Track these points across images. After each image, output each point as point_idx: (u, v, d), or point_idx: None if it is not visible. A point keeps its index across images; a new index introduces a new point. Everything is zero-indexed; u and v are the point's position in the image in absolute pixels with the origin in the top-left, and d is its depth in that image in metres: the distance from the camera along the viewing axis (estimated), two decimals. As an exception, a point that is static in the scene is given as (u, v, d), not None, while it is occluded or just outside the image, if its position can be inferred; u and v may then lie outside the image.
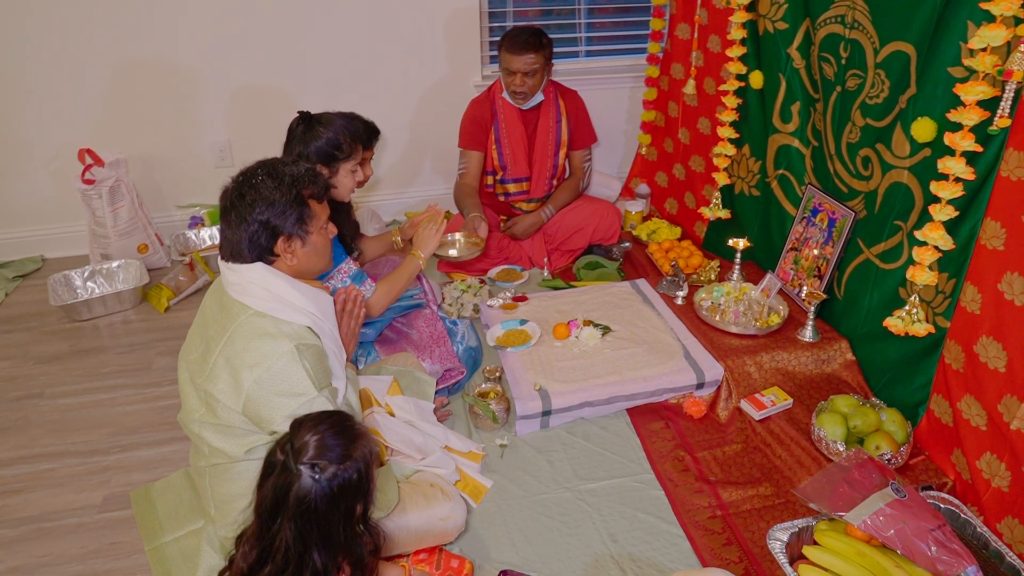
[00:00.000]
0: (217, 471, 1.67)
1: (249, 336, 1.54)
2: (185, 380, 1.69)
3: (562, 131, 3.08)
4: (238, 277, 1.58)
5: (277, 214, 1.56)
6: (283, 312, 1.57)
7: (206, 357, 1.61)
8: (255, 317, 1.56)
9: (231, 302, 1.60)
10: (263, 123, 3.36)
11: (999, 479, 1.80)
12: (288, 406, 1.52)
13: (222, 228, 1.60)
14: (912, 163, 2.08)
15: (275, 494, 1.29)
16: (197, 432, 1.64)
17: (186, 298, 3.00)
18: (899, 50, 2.07)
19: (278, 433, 1.58)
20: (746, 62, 2.76)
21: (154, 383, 2.53)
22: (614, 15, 3.68)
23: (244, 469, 1.65)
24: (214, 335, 1.60)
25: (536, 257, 3.20)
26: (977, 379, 1.87)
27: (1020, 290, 1.74)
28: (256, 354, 1.52)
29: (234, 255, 1.59)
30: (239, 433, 1.61)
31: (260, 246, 1.57)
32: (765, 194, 2.85)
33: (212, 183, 3.40)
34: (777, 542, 1.74)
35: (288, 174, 1.59)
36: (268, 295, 1.57)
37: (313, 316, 1.62)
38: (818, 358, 2.40)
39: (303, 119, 2.22)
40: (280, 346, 1.52)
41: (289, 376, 1.52)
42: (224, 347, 1.56)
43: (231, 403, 1.55)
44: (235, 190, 1.57)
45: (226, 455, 1.63)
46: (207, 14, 3.11)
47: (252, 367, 1.52)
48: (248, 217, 1.54)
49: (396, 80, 3.43)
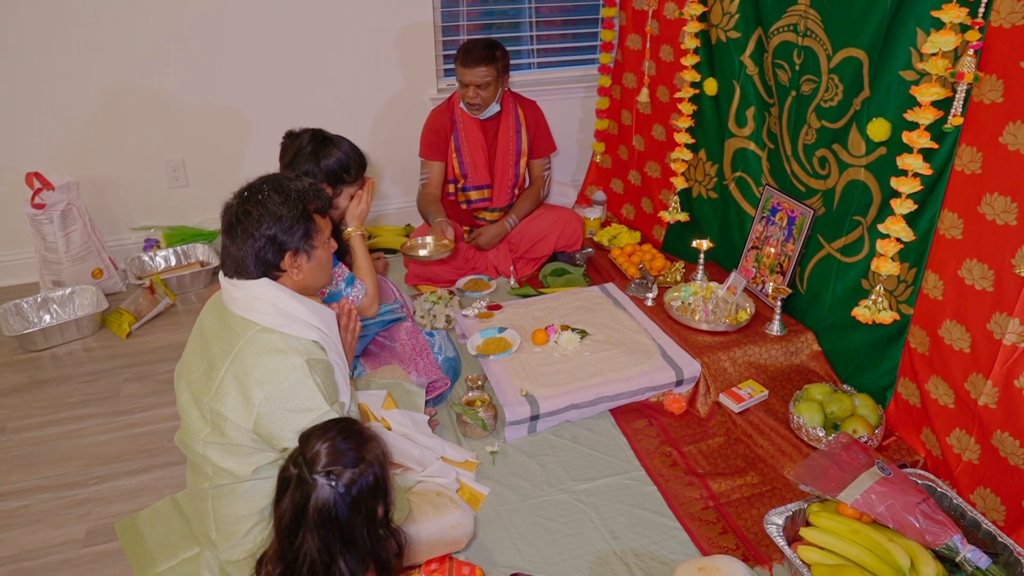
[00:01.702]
0: (221, 492, 1.63)
1: (258, 352, 1.52)
2: (187, 400, 1.65)
3: (522, 140, 3.13)
4: (243, 293, 1.57)
5: (284, 229, 1.55)
6: (291, 327, 1.56)
7: (211, 375, 1.58)
8: (263, 333, 1.54)
9: (235, 319, 1.58)
10: (218, 141, 3.30)
11: (969, 453, 1.93)
12: (300, 422, 1.51)
13: (225, 244, 1.58)
14: (868, 161, 2.22)
15: (294, 508, 1.28)
16: (201, 452, 1.61)
17: (148, 322, 2.91)
18: (852, 56, 2.20)
19: (288, 450, 1.57)
20: (700, 70, 2.88)
21: (124, 411, 2.44)
22: (562, 27, 3.76)
23: (250, 489, 1.63)
24: (219, 353, 1.57)
25: (502, 266, 3.24)
26: (943, 361, 2.00)
27: (979, 275, 1.88)
28: (266, 370, 1.51)
29: (239, 271, 1.57)
30: (247, 451, 1.58)
31: (267, 262, 1.56)
32: (723, 196, 2.96)
33: (166, 204, 3.32)
34: (773, 526, 1.82)
35: (294, 189, 1.58)
36: (275, 310, 1.56)
37: (320, 331, 1.61)
38: (786, 350, 2.52)
39: (315, 136, 2.21)
40: (291, 361, 1.51)
41: (301, 392, 1.51)
42: (232, 364, 1.54)
43: (241, 421, 1.53)
44: (240, 206, 1.56)
45: (232, 475, 1.60)
46: (158, 32, 3.03)
47: (263, 384, 1.50)
48: (255, 232, 1.53)
49: (352, 96, 3.42)
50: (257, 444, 1.57)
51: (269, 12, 3.15)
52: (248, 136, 3.31)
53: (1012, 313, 1.78)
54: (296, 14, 3.19)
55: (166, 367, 2.65)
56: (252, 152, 3.34)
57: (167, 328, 2.89)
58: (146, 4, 2.98)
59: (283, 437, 1.53)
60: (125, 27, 2.99)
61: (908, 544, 1.69)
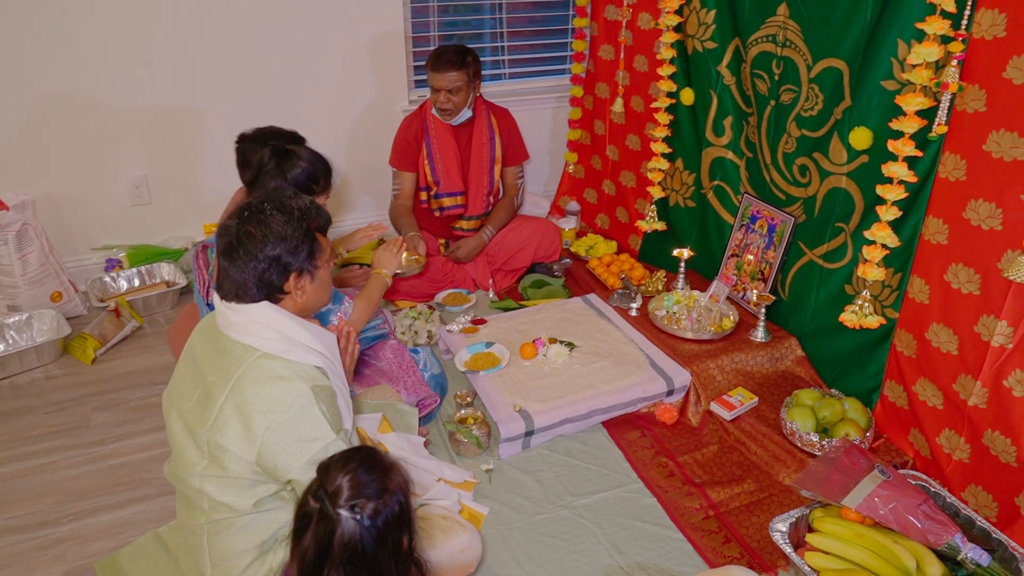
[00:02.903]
0: (218, 527, 1.56)
1: (260, 380, 1.46)
2: (180, 431, 1.57)
3: (496, 147, 3.11)
4: (242, 318, 1.50)
5: (289, 250, 1.50)
6: (293, 353, 1.51)
7: (207, 405, 1.50)
8: (264, 359, 1.48)
9: (232, 344, 1.51)
10: (183, 157, 3.19)
11: (960, 452, 1.97)
12: (306, 452, 1.46)
13: (223, 267, 1.51)
14: (850, 169, 2.26)
15: (317, 545, 1.22)
16: (197, 486, 1.53)
17: (114, 346, 2.78)
18: (832, 66, 2.24)
19: (295, 482, 1.50)
20: (676, 80, 2.90)
21: (96, 441, 2.32)
22: (532, 37, 3.76)
23: (249, 523, 1.56)
24: (215, 381, 1.50)
25: (480, 279, 3.21)
26: (930, 363, 2.05)
27: (965, 279, 1.92)
28: (269, 399, 1.45)
29: (239, 295, 1.50)
30: (247, 484, 1.51)
31: (270, 284, 1.50)
32: (701, 205, 2.99)
33: (128, 222, 3.19)
34: (778, 533, 1.83)
35: (296, 207, 1.53)
36: (276, 335, 1.50)
37: (322, 355, 1.56)
38: (772, 356, 2.55)
39: (276, 152, 2.13)
40: (295, 388, 1.46)
41: (306, 420, 1.46)
42: (231, 393, 1.47)
43: (243, 453, 1.46)
44: (240, 226, 1.49)
45: (231, 509, 1.53)
46: (118, 44, 2.92)
47: (265, 413, 1.44)
48: (258, 254, 1.47)
49: (323, 108, 3.34)
50: (258, 476, 1.51)
51: (237, 21, 3.07)
52: (215, 151, 3.20)
53: (999, 315, 1.83)
54: (265, 24, 3.11)
55: (137, 394, 2.53)
56: (219, 168, 3.23)
57: (135, 352, 2.76)
58: (106, 14, 2.86)
59: (288, 469, 1.47)
60: (83, 38, 2.87)
61: (912, 545, 1.72)
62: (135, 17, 2.91)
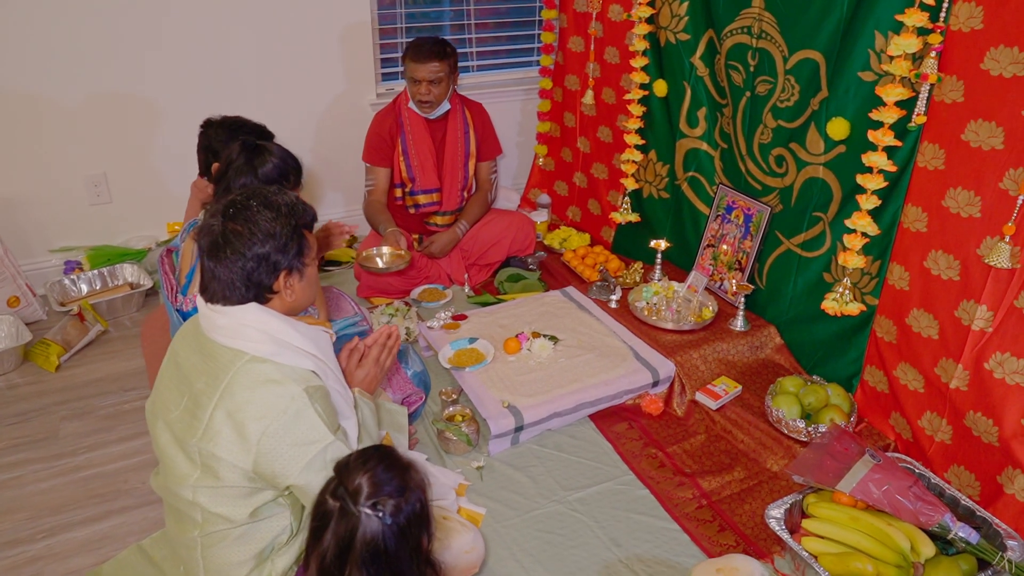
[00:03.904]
0: (213, 539, 1.50)
1: (251, 385, 1.41)
2: (168, 442, 1.50)
3: (471, 142, 3.07)
4: (230, 320, 1.45)
5: (279, 248, 1.45)
6: (284, 356, 1.46)
7: (196, 413, 1.45)
8: (253, 363, 1.43)
9: (220, 349, 1.45)
10: (143, 153, 3.07)
11: (942, 434, 2.03)
12: (304, 456, 1.42)
13: (209, 267, 1.45)
14: (827, 159, 2.30)
15: (338, 545, 1.19)
16: (190, 498, 1.47)
17: (79, 352, 2.66)
18: (808, 58, 2.27)
19: (294, 487, 1.46)
20: (648, 72, 2.91)
21: (66, 453, 2.22)
22: (499, 29, 3.72)
23: (245, 533, 1.51)
24: (204, 388, 1.44)
25: (455, 274, 3.17)
26: (911, 348, 2.10)
27: (946, 266, 1.98)
28: (263, 404, 1.40)
29: (226, 296, 1.45)
30: (243, 493, 1.46)
31: (259, 284, 1.45)
32: (675, 196, 3.01)
33: (88, 222, 3.06)
34: (773, 520, 1.86)
35: (284, 203, 1.48)
36: (266, 338, 1.45)
37: (315, 358, 1.51)
38: (751, 345, 2.58)
39: (246, 147, 2.06)
40: (288, 391, 1.41)
41: (302, 423, 1.42)
42: (221, 400, 1.41)
43: (238, 461, 1.41)
44: (226, 224, 1.43)
45: (227, 520, 1.48)
46: (72, 36, 2.78)
47: (260, 419, 1.40)
48: (247, 252, 1.42)
49: (289, 102, 3.25)
50: (255, 484, 1.46)
51: (195, 13, 2.95)
52: (177, 147, 3.08)
53: (979, 300, 1.88)
54: (224, 16, 3.00)
55: (107, 401, 2.43)
56: (182, 164, 3.11)
57: (101, 357, 2.65)
58: (56, 6, 2.73)
59: (287, 475, 1.43)
60: (33, 30, 2.72)
61: (904, 527, 1.76)
62: (87, 9, 2.77)
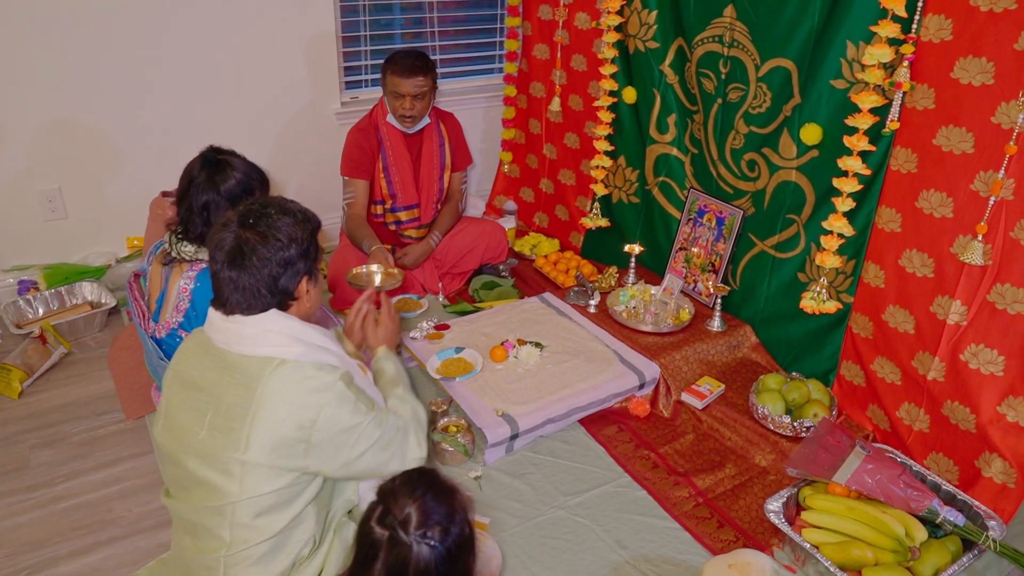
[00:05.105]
0: (238, 558, 1.47)
1: (290, 386, 1.43)
2: (197, 465, 1.46)
3: (446, 154, 3.07)
4: (255, 329, 1.46)
5: (302, 252, 1.50)
6: (312, 355, 1.49)
7: (232, 427, 1.43)
8: (286, 365, 1.44)
9: (245, 360, 1.45)
10: (99, 166, 2.94)
11: (920, 423, 2.14)
12: (351, 438, 1.49)
13: (229, 278, 1.45)
14: (800, 163, 2.39)
15: (389, 573, 1.18)
16: (227, 516, 1.44)
17: (42, 376, 2.52)
18: (780, 66, 2.36)
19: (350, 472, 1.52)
20: (617, 79, 2.96)
21: (41, 483, 2.11)
22: (461, 37, 3.72)
23: (272, 548, 1.49)
24: (237, 401, 1.43)
25: (429, 283, 3.15)
26: (888, 342, 2.20)
27: (920, 264, 2.08)
28: (306, 401, 1.44)
29: (250, 305, 1.46)
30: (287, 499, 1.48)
31: (284, 290, 1.49)
32: (646, 201, 3.07)
33: (42, 239, 2.92)
34: (772, 513, 1.92)
35: (297, 210, 1.54)
36: (292, 340, 1.48)
37: (334, 353, 1.56)
38: (729, 344, 2.66)
39: (207, 161, 2.00)
40: (325, 382, 1.46)
41: (346, 408, 1.48)
42: (260, 408, 1.41)
43: (291, 463, 1.44)
44: (246, 232, 1.45)
45: (261, 532, 1.46)
46: (23, 44, 2.64)
47: (307, 415, 1.44)
48: (273, 258, 1.46)
49: (251, 112, 3.17)
50: (297, 486, 1.47)
51: (159, 25, 2.85)
52: (134, 160, 2.97)
53: (954, 295, 1.99)
54: (179, 26, 2.90)
55: (80, 427, 2.32)
56: (140, 177, 3.00)
57: (67, 381, 2.53)
58: (14, 20, 2.59)
59: (338, 461, 1.50)
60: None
61: (897, 513, 1.85)
62: (42, 23, 2.65)
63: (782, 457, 2.22)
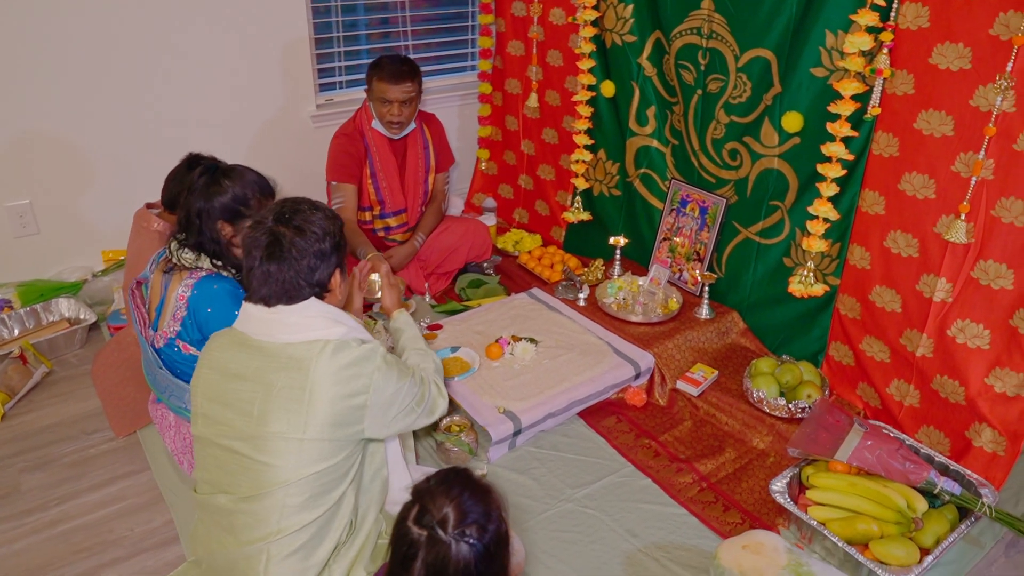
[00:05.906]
0: (282, 546, 1.47)
1: (344, 360, 1.49)
2: (250, 452, 1.48)
3: (430, 156, 3.06)
4: (299, 317, 1.52)
5: (335, 245, 1.57)
6: (352, 334, 1.57)
7: (289, 408, 1.46)
8: (334, 345, 1.50)
9: (292, 348, 1.50)
10: (72, 179, 2.86)
11: (910, 398, 2.21)
12: (401, 395, 1.59)
13: (266, 271, 1.50)
14: (782, 151, 2.44)
15: (429, 572, 1.18)
16: (281, 499, 1.45)
17: (25, 396, 2.45)
18: (760, 56, 2.41)
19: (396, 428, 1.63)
20: (595, 73, 2.98)
21: (35, 508, 2.05)
22: (434, 35, 3.70)
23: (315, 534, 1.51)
24: (290, 383, 1.46)
25: (414, 284, 3.14)
26: (876, 322, 2.27)
27: (905, 244, 2.15)
28: (360, 373, 1.51)
29: (290, 296, 1.51)
30: (343, 472, 1.55)
31: (319, 282, 1.55)
32: (627, 193, 3.10)
33: (14, 256, 2.83)
34: (778, 494, 1.96)
35: (324, 207, 1.60)
36: (334, 323, 1.55)
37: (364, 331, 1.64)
38: (718, 331, 2.70)
39: (207, 170, 1.96)
40: (372, 352, 1.54)
41: (392, 374, 1.57)
42: (317, 386, 1.46)
43: (349, 431, 1.51)
44: (284, 227, 1.51)
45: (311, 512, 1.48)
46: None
47: (362, 385, 1.51)
48: (310, 249, 1.52)
49: (224, 118, 3.11)
50: (345, 463, 1.54)
51: (131, 34, 2.78)
52: (106, 172, 2.90)
53: (939, 273, 2.06)
54: (150, 31, 2.83)
55: (70, 447, 2.26)
56: (113, 189, 2.92)
57: (53, 401, 2.45)
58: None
59: (387, 418, 1.58)
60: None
61: (897, 486, 1.91)
62: (7, 34, 2.56)
63: (779, 439, 2.27)
